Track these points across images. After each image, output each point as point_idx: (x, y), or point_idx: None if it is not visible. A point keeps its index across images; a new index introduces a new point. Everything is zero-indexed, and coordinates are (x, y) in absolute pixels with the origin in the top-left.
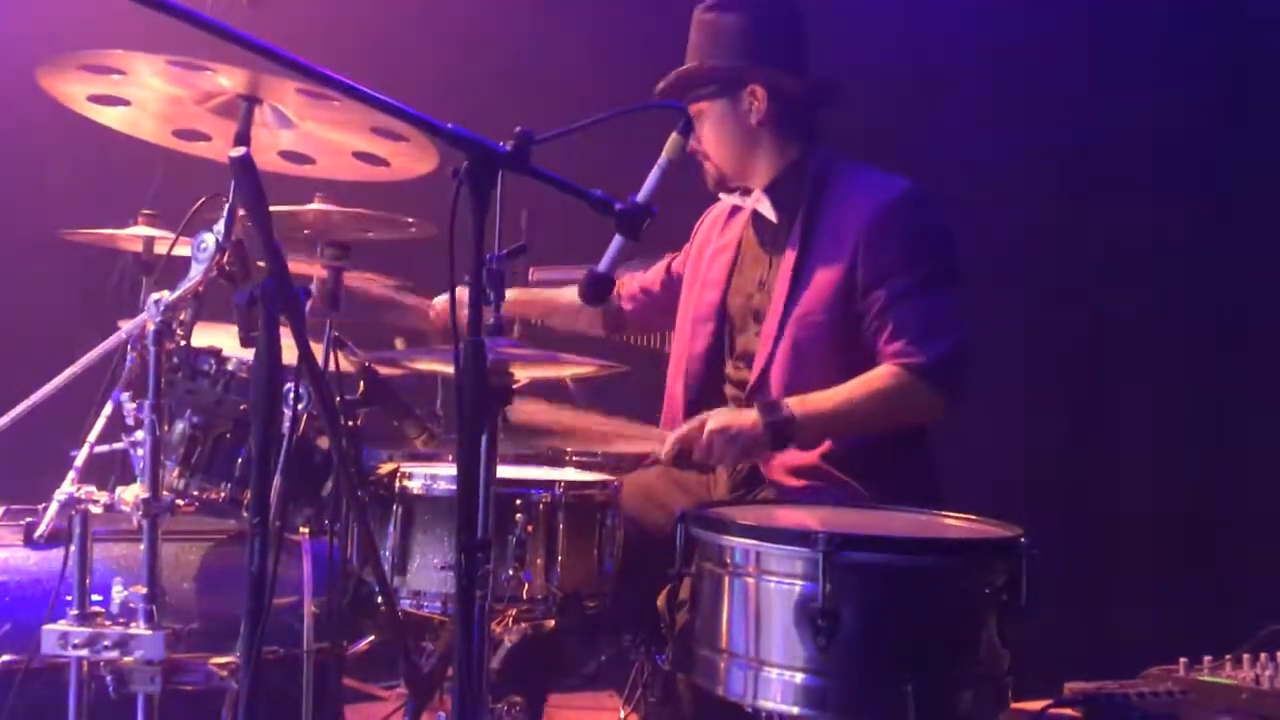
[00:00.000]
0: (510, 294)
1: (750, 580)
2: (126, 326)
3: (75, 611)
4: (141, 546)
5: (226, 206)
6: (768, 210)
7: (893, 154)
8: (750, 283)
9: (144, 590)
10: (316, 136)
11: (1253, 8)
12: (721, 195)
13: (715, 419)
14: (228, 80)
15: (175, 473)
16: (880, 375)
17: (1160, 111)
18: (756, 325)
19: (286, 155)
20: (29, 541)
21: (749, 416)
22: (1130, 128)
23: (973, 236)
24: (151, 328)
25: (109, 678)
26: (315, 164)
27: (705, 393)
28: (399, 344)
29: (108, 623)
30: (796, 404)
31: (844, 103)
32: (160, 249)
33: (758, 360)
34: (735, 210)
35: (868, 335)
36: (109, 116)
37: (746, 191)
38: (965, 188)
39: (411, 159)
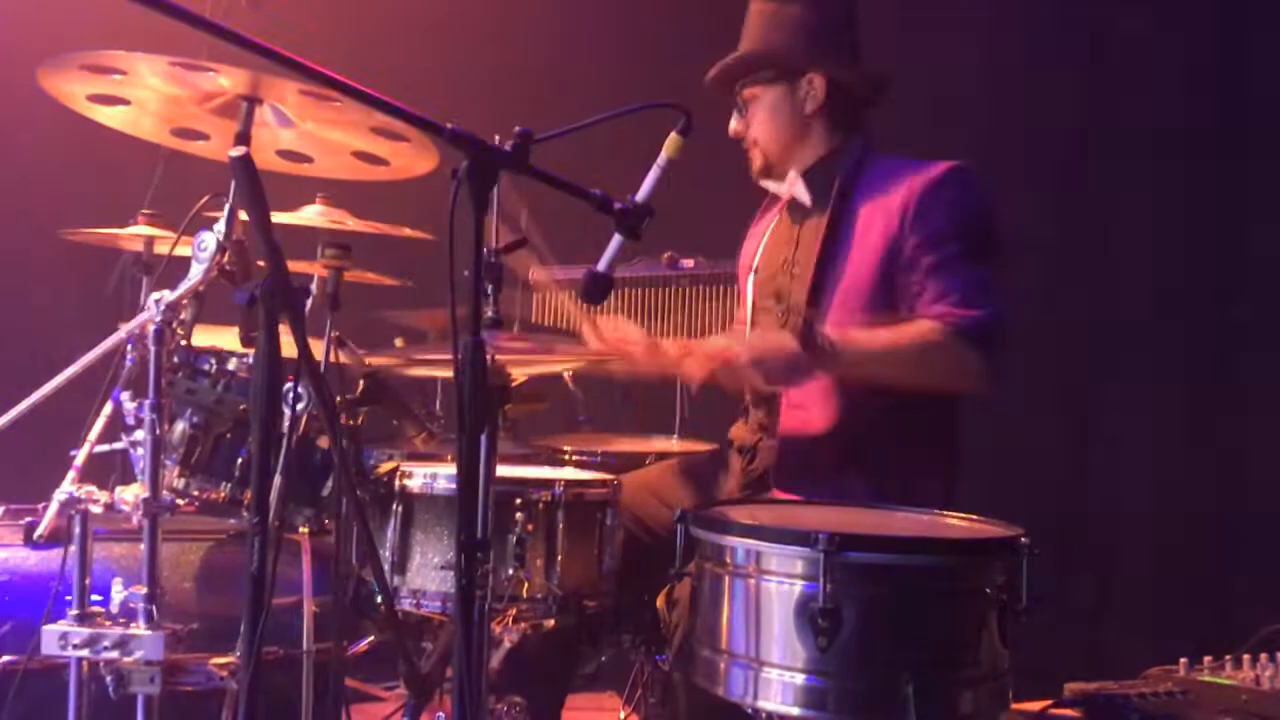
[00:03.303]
0: None
1: (750, 580)
2: (127, 326)
3: (75, 611)
4: (141, 546)
5: (227, 206)
6: (802, 193)
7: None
8: (775, 263)
9: (144, 590)
10: (316, 136)
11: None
12: (762, 183)
13: (747, 346)
14: (228, 81)
15: (175, 472)
16: (922, 327)
17: (1161, 109)
18: (779, 305)
19: (285, 154)
20: (29, 541)
21: (782, 338)
22: (1131, 125)
23: None
24: (152, 327)
25: (109, 678)
26: (313, 163)
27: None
28: (399, 343)
29: (107, 623)
30: (837, 333)
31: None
32: (160, 249)
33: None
34: (773, 202)
35: (910, 296)
36: (108, 116)
37: (784, 178)
38: None
39: (411, 159)
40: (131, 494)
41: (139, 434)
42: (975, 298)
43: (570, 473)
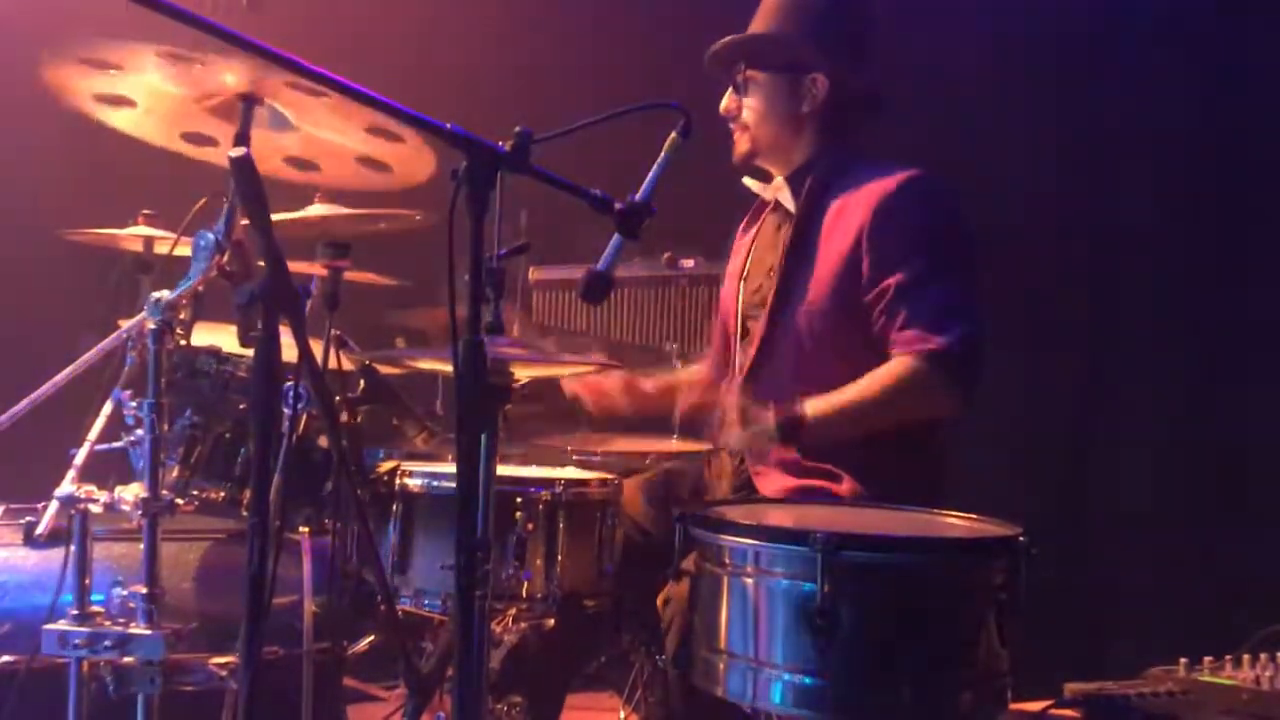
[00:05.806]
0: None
1: (749, 580)
2: (126, 326)
3: (75, 611)
4: (141, 546)
5: (226, 206)
6: (786, 199)
7: (893, 145)
8: (762, 272)
9: (144, 590)
10: (318, 140)
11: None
12: (744, 181)
13: (734, 399)
14: (226, 76)
15: (175, 472)
16: (893, 367)
17: (1161, 108)
18: (765, 311)
19: (291, 161)
20: (29, 541)
21: (765, 430)
22: (1131, 122)
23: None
24: (151, 327)
25: (109, 678)
26: (320, 170)
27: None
28: (399, 343)
29: (107, 623)
30: (810, 404)
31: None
32: (160, 249)
33: (752, 344)
34: (763, 206)
35: (877, 327)
36: (116, 118)
37: (768, 178)
38: (965, 183)
39: (411, 163)
40: (131, 494)
41: (139, 433)
42: (943, 319)
43: (570, 472)
